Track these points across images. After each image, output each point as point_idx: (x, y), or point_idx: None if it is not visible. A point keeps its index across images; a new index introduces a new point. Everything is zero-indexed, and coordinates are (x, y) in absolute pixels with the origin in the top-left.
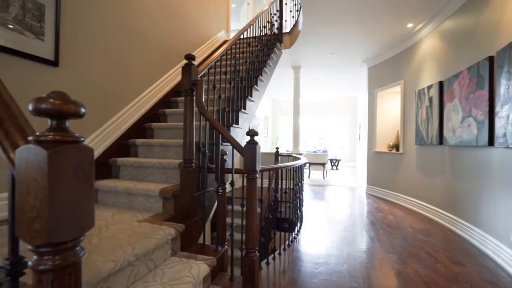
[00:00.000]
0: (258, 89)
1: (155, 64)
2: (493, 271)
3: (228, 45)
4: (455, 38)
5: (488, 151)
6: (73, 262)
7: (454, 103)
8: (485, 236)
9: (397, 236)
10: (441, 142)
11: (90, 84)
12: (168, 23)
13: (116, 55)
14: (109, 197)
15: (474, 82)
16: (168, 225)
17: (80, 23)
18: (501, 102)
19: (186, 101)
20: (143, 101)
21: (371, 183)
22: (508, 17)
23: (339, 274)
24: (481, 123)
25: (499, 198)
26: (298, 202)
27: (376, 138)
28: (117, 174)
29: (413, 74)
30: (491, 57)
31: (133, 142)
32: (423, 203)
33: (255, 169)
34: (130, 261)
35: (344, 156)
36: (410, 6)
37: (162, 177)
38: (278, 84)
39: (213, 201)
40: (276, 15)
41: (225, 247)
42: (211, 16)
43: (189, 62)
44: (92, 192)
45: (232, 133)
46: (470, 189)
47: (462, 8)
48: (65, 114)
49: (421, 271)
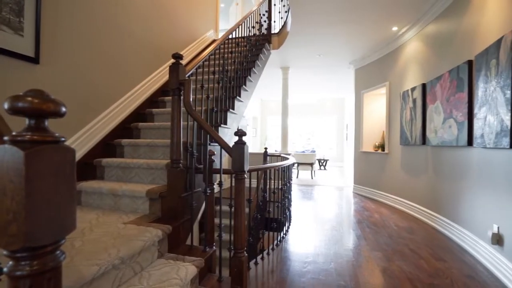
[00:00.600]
0: (247, 89)
1: (142, 63)
2: (471, 265)
3: (217, 44)
4: (437, 42)
5: (467, 151)
6: (52, 266)
7: (436, 105)
8: (465, 232)
9: (383, 234)
10: (424, 142)
11: (74, 82)
12: (156, 21)
13: (102, 53)
14: (94, 199)
15: (454, 84)
16: (155, 226)
17: (63, 18)
18: (479, 104)
19: (173, 100)
20: (130, 100)
21: (358, 183)
22: (486, 24)
23: (326, 273)
24: (461, 124)
25: (477, 196)
26: (287, 202)
27: (362, 139)
28: (102, 175)
29: (398, 76)
30: (470, 61)
31: (119, 142)
32: (407, 202)
33: (243, 169)
34: (115, 264)
35: (332, 156)
36: (395, 9)
37: (149, 178)
38: (267, 84)
39: (201, 202)
40: (265, 15)
41: (214, 248)
42: (199, 15)
43: (176, 61)
44: (74, 194)
45: (221, 133)
46: (451, 187)
47: (444, 13)
48: (44, 113)
49: (405, 267)
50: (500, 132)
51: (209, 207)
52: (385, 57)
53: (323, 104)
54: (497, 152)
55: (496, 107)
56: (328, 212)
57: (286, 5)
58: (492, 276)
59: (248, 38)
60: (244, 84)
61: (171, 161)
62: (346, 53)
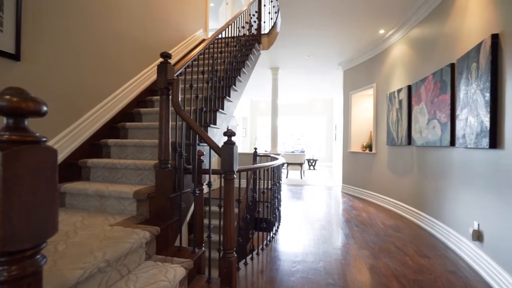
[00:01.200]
0: (237, 89)
1: (130, 61)
2: (454, 261)
3: (206, 44)
4: (422, 45)
5: (450, 151)
6: (32, 271)
7: (421, 106)
8: (447, 230)
9: (370, 233)
10: (410, 142)
11: (58, 80)
12: (144, 18)
13: (88, 50)
14: (78, 201)
15: (438, 87)
16: (143, 228)
17: (46, 13)
18: (461, 106)
19: (161, 100)
20: (117, 100)
21: (347, 182)
22: (466, 29)
23: (315, 272)
24: (444, 125)
25: (459, 195)
26: (276, 202)
27: (351, 139)
28: (88, 176)
29: (384, 78)
30: (452, 64)
31: (105, 142)
32: (394, 201)
33: (232, 170)
34: (100, 268)
35: (321, 156)
36: (382, 13)
37: (137, 179)
38: (257, 84)
39: (190, 203)
40: (255, 16)
41: (203, 249)
42: (189, 14)
43: (165, 60)
44: (55, 196)
45: (210, 134)
46: (435, 186)
47: (428, 18)
48: (23, 112)
49: (391, 265)
50: (480, 132)
51: (198, 207)
52: (372, 59)
53: (313, 104)
54: (477, 152)
55: (476, 108)
56: (317, 211)
57: (276, 5)
58: (472, 271)
59: (238, 38)
60: (233, 84)
61: (159, 161)
62: (335, 54)
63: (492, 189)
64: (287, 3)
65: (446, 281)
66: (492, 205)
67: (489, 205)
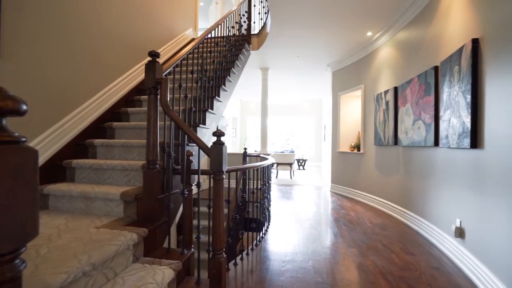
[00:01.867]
0: (226, 89)
1: (117, 60)
2: (437, 258)
3: (196, 43)
4: (407, 48)
5: (434, 151)
6: (11, 277)
7: (407, 107)
8: (432, 227)
9: (358, 231)
10: (396, 142)
11: (41, 78)
12: (132, 16)
13: (73, 47)
14: (63, 203)
15: (423, 88)
16: (130, 230)
17: (29, 8)
18: (444, 107)
19: (149, 100)
20: (104, 99)
21: (335, 182)
22: (449, 33)
23: (304, 271)
24: (428, 125)
25: (442, 193)
26: (266, 202)
27: (339, 139)
28: (72, 177)
29: (372, 79)
30: (436, 67)
31: (91, 142)
32: (381, 199)
33: (221, 170)
34: (85, 271)
35: (310, 156)
36: (369, 16)
37: (124, 180)
38: (247, 85)
39: (178, 204)
40: (245, 16)
41: (192, 250)
42: (178, 13)
43: (153, 59)
44: (36, 198)
45: (199, 134)
46: (420, 185)
47: (413, 22)
48: (1, 111)
49: (378, 262)
50: (462, 133)
51: (187, 208)
52: (360, 61)
53: (302, 105)
54: (459, 152)
55: (458, 110)
56: (307, 211)
57: (266, 6)
58: (455, 267)
59: (227, 38)
60: (223, 84)
61: (147, 162)
62: (324, 55)
63: (473, 187)
64: (277, 4)
65: (430, 277)
66: (473, 203)
67: (470, 203)
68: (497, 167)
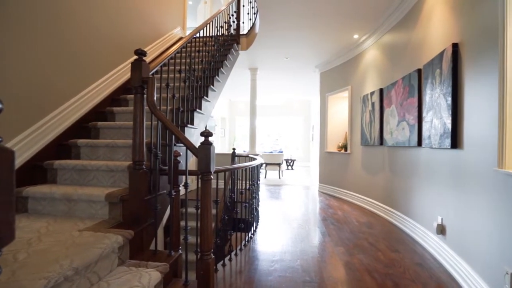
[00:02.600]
0: (215, 89)
1: (103, 58)
2: (421, 254)
3: (184, 42)
4: (392, 51)
5: (417, 151)
6: None
7: (392, 109)
8: (415, 225)
9: (345, 230)
10: (382, 143)
11: (19, 75)
12: (118, 14)
13: (55, 44)
14: (43, 205)
15: (406, 90)
16: (115, 232)
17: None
18: (426, 109)
19: (136, 99)
20: (88, 97)
21: (323, 182)
22: (430, 37)
23: (293, 270)
24: (412, 126)
25: (425, 192)
26: (255, 202)
27: (327, 139)
28: (54, 178)
29: (359, 81)
30: (419, 70)
31: (75, 142)
32: (367, 199)
33: (209, 170)
34: (67, 276)
35: (299, 156)
36: (356, 18)
37: (109, 181)
38: (235, 85)
39: (166, 205)
40: (234, 16)
41: (179, 252)
42: (166, 11)
43: (139, 57)
44: (11, 201)
45: (187, 134)
46: (404, 184)
47: (397, 25)
48: None
49: (365, 260)
50: (443, 134)
51: (174, 209)
52: (347, 62)
53: (291, 105)
54: (441, 152)
55: (440, 111)
56: (295, 210)
57: (255, 7)
58: (436, 262)
59: (216, 37)
60: (211, 84)
61: (133, 162)
62: (312, 56)
63: (453, 186)
64: (266, 5)
65: (414, 273)
66: (453, 201)
67: (450, 201)
68: (475, 166)
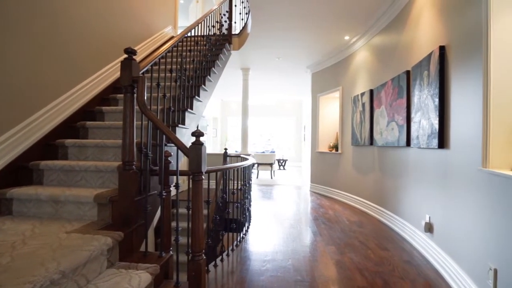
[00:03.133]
0: (206, 89)
1: (92, 56)
2: (409, 252)
3: (175, 41)
4: (382, 52)
5: (406, 150)
6: None
7: (382, 109)
8: (404, 223)
9: (336, 229)
10: (372, 143)
11: (2, 73)
12: (109, 11)
13: (41, 41)
14: (29, 207)
15: (396, 91)
16: (104, 234)
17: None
18: (415, 110)
19: (125, 98)
20: (76, 97)
21: (315, 181)
22: (419, 40)
23: (284, 270)
24: (401, 127)
25: (413, 191)
26: (246, 202)
27: (318, 139)
28: (40, 179)
29: (349, 82)
30: (408, 71)
31: (62, 142)
32: (357, 198)
33: (200, 170)
34: (54, 280)
35: (290, 156)
36: (347, 20)
37: (98, 182)
38: (227, 85)
39: (156, 206)
40: (226, 15)
41: (170, 253)
42: (157, 10)
43: (129, 56)
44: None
45: (178, 134)
46: (394, 183)
47: (387, 28)
48: None
49: (355, 259)
50: (431, 134)
51: (165, 210)
52: (338, 63)
53: (283, 105)
54: (428, 152)
55: (428, 112)
56: (287, 210)
57: (247, 7)
58: (424, 260)
59: (208, 37)
60: (203, 84)
61: (123, 162)
62: (304, 57)
63: (440, 185)
64: (258, 5)
65: (402, 270)
66: (440, 199)
67: (438, 199)
68: (461, 166)
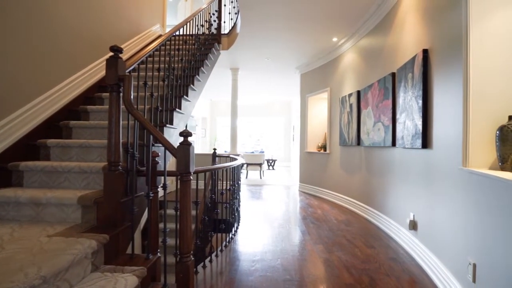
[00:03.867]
0: (195, 89)
1: (75, 53)
2: (395, 249)
3: (163, 39)
4: (369, 54)
5: (392, 150)
6: None
7: (368, 110)
8: (390, 221)
9: (324, 228)
10: (359, 143)
11: None
12: (94, 8)
13: (20, 37)
14: (7, 210)
15: (382, 93)
16: (88, 236)
17: None
18: (400, 111)
19: (111, 97)
20: (59, 95)
21: (303, 181)
22: (403, 43)
23: (273, 269)
24: (387, 127)
25: (398, 189)
26: (235, 203)
27: (307, 139)
28: (20, 181)
29: (337, 83)
30: (393, 73)
31: (44, 142)
32: (345, 197)
33: (188, 171)
34: (34, 286)
35: (279, 156)
36: (334, 22)
37: (82, 183)
38: (216, 84)
39: (143, 207)
40: (215, 15)
41: (158, 255)
42: (145, 8)
43: (115, 54)
44: None
45: (166, 134)
46: (380, 182)
47: (373, 31)
48: None
49: (343, 257)
50: (415, 134)
51: (152, 211)
52: (327, 65)
53: (272, 106)
54: (412, 152)
55: (412, 113)
56: (276, 210)
57: (236, 6)
58: (409, 257)
59: (197, 36)
60: (192, 83)
61: (108, 163)
62: (293, 58)
63: (424, 183)
64: (247, 5)
65: (388, 267)
66: (423, 197)
67: (421, 197)
68: (443, 165)
